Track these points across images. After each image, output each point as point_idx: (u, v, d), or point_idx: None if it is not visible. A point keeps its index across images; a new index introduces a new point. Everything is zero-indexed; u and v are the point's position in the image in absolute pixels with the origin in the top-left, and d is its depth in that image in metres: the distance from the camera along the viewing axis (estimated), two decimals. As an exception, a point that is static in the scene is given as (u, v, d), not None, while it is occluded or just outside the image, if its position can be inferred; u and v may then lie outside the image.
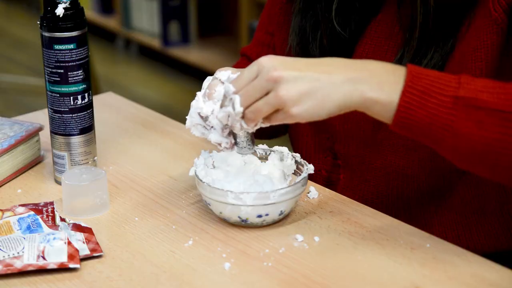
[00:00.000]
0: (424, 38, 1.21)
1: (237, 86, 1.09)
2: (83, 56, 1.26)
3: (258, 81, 1.07)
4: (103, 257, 1.12)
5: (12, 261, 1.09)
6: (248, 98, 1.08)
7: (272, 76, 1.06)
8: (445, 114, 1.05)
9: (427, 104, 1.05)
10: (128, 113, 1.57)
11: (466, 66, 1.20)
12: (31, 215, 1.18)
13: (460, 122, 1.05)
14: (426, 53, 1.21)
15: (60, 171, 1.31)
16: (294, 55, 1.32)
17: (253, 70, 1.08)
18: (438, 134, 1.06)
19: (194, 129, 1.18)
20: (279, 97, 1.06)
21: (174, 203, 1.25)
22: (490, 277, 1.06)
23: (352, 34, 1.29)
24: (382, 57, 1.27)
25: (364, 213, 1.20)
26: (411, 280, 1.06)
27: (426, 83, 1.05)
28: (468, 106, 1.04)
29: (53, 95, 1.28)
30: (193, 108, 1.16)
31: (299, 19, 1.32)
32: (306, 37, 1.31)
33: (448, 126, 1.05)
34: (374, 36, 1.28)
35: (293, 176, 1.23)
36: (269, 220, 1.17)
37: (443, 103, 1.04)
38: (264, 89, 1.07)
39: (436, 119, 1.05)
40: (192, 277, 1.08)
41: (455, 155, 1.08)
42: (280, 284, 1.06)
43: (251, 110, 1.08)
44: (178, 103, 3.82)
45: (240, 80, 1.09)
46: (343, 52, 1.29)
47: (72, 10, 1.24)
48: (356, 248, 1.12)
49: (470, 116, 1.05)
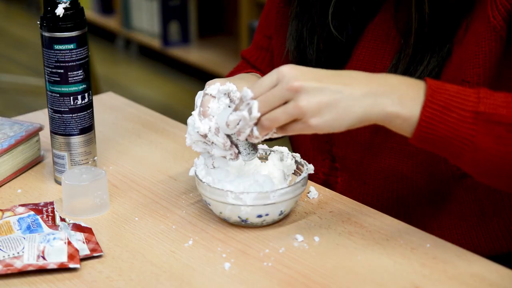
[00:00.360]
0: (420, 44, 1.20)
1: (255, 92, 1.08)
2: (83, 56, 1.26)
3: (278, 89, 1.07)
4: (103, 257, 1.12)
5: (12, 261, 1.09)
6: (266, 105, 1.07)
7: (293, 86, 1.05)
8: (465, 129, 1.06)
9: (448, 119, 1.05)
10: (128, 113, 1.57)
11: (464, 71, 1.20)
12: (31, 215, 1.18)
13: (480, 137, 1.06)
14: (422, 60, 1.20)
15: (60, 171, 1.31)
16: (291, 60, 1.32)
17: (273, 77, 1.08)
18: (457, 148, 1.07)
19: (195, 146, 1.18)
20: (299, 107, 1.05)
21: (174, 203, 1.25)
22: (490, 277, 1.06)
23: (349, 37, 1.29)
24: (379, 61, 1.27)
25: (364, 213, 1.20)
26: (411, 280, 1.06)
27: (446, 97, 1.06)
28: (488, 122, 1.05)
29: (53, 95, 1.28)
30: (190, 127, 1.17)
31: (296, 23, 1.32)
32: (303, 41, 1.31)
33: (468, 140, 1.06)
34: (371, 40, 1.28)
35: (293, 176, 1.23)
36: (269, 220, 1.17)
37: (464, 118, 1.05)
38: (283, 98, 1.06)
39: (456, 134, 1.06)
40: (192, 277, 1.08)
41: (474, 168, 1.09)
42: (280, 284, 1.06)
43: (268, 117, 1.08)
44: (178, 103, 3.82)
45: (259, 86, 1.08)
46: (340, 56, 1.29)
47: (72, 10, 1.24)
48: (356, 248, 1.12)
49: (490, 131, 1.06)
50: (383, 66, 1.26)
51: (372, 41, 1.28)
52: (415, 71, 1.20)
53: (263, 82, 1.08)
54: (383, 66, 1.26)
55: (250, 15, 3.70)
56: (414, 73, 1.20)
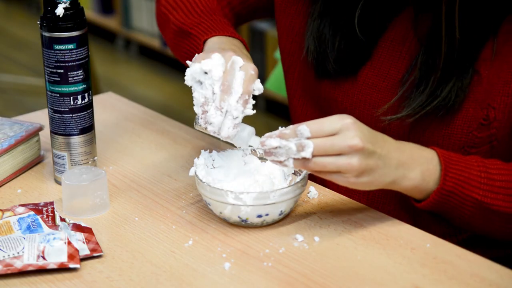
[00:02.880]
0: (448, 66, 1.21)
1: (313, 134, 1.09)
2: (83, 56, 1.26)
3: (339, 143, 1.08)
4: (103, 257, 1.12)
5: (12, 261, 1.09)
6: (321, 152, 1.09)
7: (356, 145, 1.08)
8: (464, 212, 1.17)
9: (453, 201, 1.17)
10: (128, 113, 1.57)
11: (492, 97, 1.21)
12: (31, 215, 1.18)
13: (475, 219, 1.18)
14: (449, 81, 1.21)
15: (60, 171, 1.31)
16: (310, 58, 1.32)
17: (335, 126, 1.09)
18: (453, 220, 1.20)
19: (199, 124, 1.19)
20: (351, 165, 1.08)
21: (174, 203, 1.25)
22: (490, 277, 1.06)
23: (369, 38, 1.29)
24: (396, 62, 1.27)
25: (364, 213, 1.20)
26: (411, 280, 1.06)
27: (456, 183, 1.16)
28: (486, 210, 1.17)
29: (53, 95, 1.28)
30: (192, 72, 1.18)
31: (317, 23, 1.31)
32: (325, 41, 1.30)
33: (464, 220, 1.19)
34: (389, 41, 1.28)
35: (293, 176, 1.23)
36: (269, 220, 1.17)
37: (467, 204, 1.17)
38: (340, 151, 1.08)
39: (456, 213, 1.18)
40: (192, 277, 1.08)
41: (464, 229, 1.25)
42: (280, 284, 1.06)
43: (317, 162, 1.09)
44: (178, 103, 3.82)
45: (319, 129, 1.09)
46: (360, 56, 1.29)
47: (72, 10, 1.24)
48: (356, 248, 1.12)
49: (485, 217, 1.18)
50: (397, 69, 1.27)
51: (390, 42, 1.28)
52: (440, 93, 1.21)
53: (324, 126, 1.09)
54: (397, 70, 1.27)
55: (250, 15, 3.70)
56: (441, 94, 1.21)
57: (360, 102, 1.30)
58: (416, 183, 1.15)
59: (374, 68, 1.29)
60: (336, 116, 1.10)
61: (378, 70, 1.29)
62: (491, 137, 1.23)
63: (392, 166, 1.12)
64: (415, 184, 1.15)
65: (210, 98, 1.17)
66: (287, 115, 1.72)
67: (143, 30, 4.33)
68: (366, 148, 1.09)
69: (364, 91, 1.29)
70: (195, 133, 1.47)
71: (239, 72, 1.17)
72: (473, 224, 1.19)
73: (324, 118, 1.10)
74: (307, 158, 1.09)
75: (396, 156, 1.13)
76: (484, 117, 1.22)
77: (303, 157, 1.09)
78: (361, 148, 1.08)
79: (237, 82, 1.16)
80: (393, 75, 1.27)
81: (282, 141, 1.10)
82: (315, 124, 1.10)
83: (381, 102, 1.28)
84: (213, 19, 1.36)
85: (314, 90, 1.36)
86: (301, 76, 1.38)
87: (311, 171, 1.11)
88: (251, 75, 1.17)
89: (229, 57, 1.18)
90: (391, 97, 1.27)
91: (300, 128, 1.09)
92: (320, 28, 1.31)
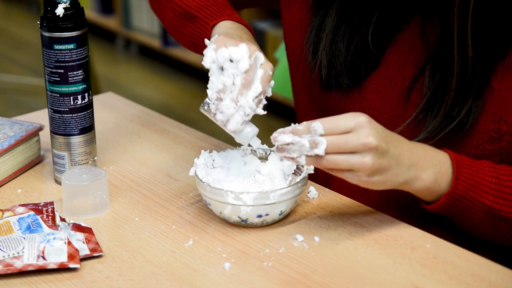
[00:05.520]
0: (461, 85, 1.20)
1: (327, 131, 1.08)
2: (83, 56, 1.26)
3: (353, 141, 1.07)
4: (103, 257, 1.12)
5: (12, 261, 1.09)
6: (334, 149, 1.08)
7: (370, 144, 1.07)
8: (473, 217, 1.17)
9: (463, 205, 1.16)
10: (128, 113, 1.57)
11: (504, 110, 1.21)
12: (31, 215, 1.18)
13: (483, 224, 1.18)
14: (465, 101, 1.21)
15: (60, 171, 1.31)
16: (324, 74, 1.31)
17: (349, 123, 1.08)
18: (461, 224, 1.20)
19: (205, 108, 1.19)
20: (364, 164, 1.08)
21: (174, 203, 1.25)
22: (490, 277, 1.06)
23: (379, 47, 1.29)
24: (402, 69, 1.26)
25: (364, 213, 1.20)
26: (411, 280, 1.06)
27: (467, 187, 1.15)
28: (494, 215, 1.17)
29: (53, 95, 1.28)
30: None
31: (330, 38, 1.29)
32: (339, 56, 1.29)
33: (472, 225, 1.19)
34: (396, 48, 1.28)
35: (293, 176, 1.23)
36: (269, 220, 1.17)
37: (476, 209, 1.16)
38: (354, 149, 1.08)
39: (464, 218, 1.18)
40: (192, 277, 1.08)
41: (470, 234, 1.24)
42: (280, 284, 1.06)
43: (330, 159, 1.08)
44: (178, 103, 3.82)
45: (333, 126, 1.08)
46: (369, 65, 1.29)
47: (72, 10, 1.24)
48: (356, 248, 1.12)
49: (492, 222, 1.18)
50: (404, 76, 1.26)
51: (398, 50, 1.27)
52: (460, 110, 1.21)
53: (338, 123, 1.08)
54: (404, 77, 1.27)
55: (250, 15, 3.70)
56: (458, 115, 1.21)
57: (366, 108, 1.29)
58: (428, 185, 1.14)
59: (381, 75, 1.28)
60: (350, 114, 1.09)
61: (385, 77, 1.28)
62: (501, 150, 1.22)
63: (404, 166, 1.12)
64: (427, 186, 1.14)
65: (229, 87, 1.16)
66: (287, 115, 1.72)
67: (143, 30, 4.33)
68: (380, 147, 1.08)
69: (370, 97, 1.29)
70: (195, 133, 1.47)
71: (259, 69, 1.16)
72: (481, 229, 1.19)
73: (339, 116, 1.09)
74: (320, 155, 1.08)
75: (409, 156, 1.12)
76: (495, 130, 1.21)
77: (316, 154, 1.08)
78: (375, 147, 1.07)
79: (257, 79, 1.16)
80: (399, 82, 1.27)
81: (295, 137, 1.09)
82: (329, 121, 1.09)
83: (387, 108, 1.27)
84: (217, 2, 1.36)
85: (319, 101, 1.35)
86: (304, 80, 1.37)
87: (324, 169, 1.10)
88: (269, 75, 1.17)
89: (253, 51, 1.17)
90: (397, 103, 1.26)
91: (314, 125, 1.08)
92: (334, 43, 1.29)
